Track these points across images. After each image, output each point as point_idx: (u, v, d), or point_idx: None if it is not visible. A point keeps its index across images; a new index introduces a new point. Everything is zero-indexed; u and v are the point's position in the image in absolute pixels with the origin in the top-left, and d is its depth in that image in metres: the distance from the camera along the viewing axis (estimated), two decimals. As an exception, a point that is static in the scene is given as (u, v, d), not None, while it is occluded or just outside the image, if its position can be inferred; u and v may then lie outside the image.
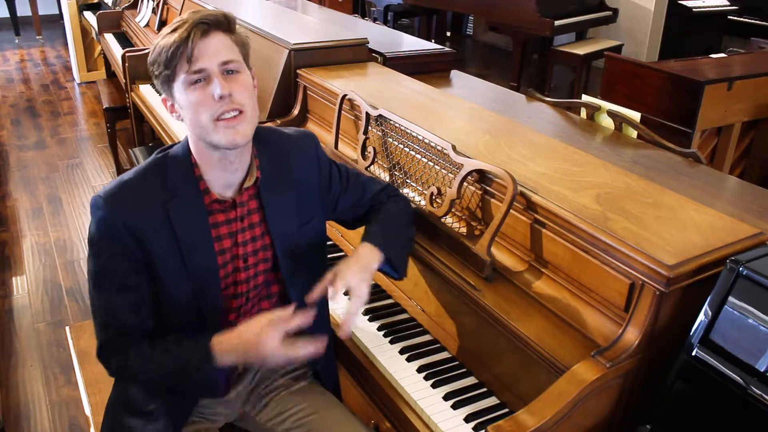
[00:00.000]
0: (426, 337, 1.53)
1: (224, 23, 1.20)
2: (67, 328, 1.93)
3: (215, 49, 1.17)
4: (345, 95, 1.94)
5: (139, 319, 1.24)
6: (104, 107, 4.14)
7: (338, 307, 1.63)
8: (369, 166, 1.81)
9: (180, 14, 3.38)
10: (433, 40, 4.91)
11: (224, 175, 1.26)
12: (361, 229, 1.63)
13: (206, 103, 1.17)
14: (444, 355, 1.48)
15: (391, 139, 1.76)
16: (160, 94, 1.22)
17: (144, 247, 1.20)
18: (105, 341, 1.25)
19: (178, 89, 1.18)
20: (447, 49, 2.78)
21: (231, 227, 1.29)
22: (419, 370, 1.42)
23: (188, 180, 1.24)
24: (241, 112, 1.19)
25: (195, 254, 1.24)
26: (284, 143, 1.38)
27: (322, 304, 1.51)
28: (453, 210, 1.55)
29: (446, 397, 1.34)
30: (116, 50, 4.18)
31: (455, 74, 2.65)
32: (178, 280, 1.24)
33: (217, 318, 1.30)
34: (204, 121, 1.17)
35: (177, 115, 1.24)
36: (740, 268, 1.07)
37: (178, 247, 1.22)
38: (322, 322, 1.52)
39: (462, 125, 1.80)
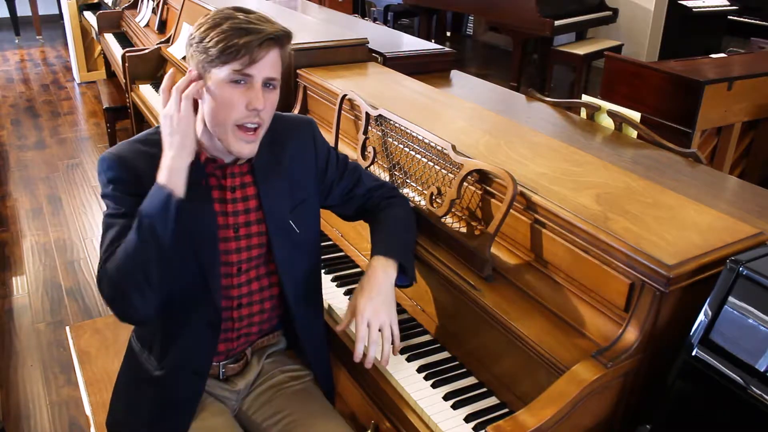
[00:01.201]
0: (426, 337, 1.53)
1: (285, 41, 1.24)
2: (67, 328, 1.93)
3: (269, 63, 1.22)
4: (345, 95, 1.94)
5: None
6: (104, 107, 4.15)
7: (332, 301, 1.63)
8: (369, 166, 1.81)
9: (180, 14, 3.38)
10: (433, 40, 4.91)
11: (220, 144, 1.29)
12: (361, 228, 1.64)
13: (237, 107, 1.21)
14: (444, 355, 1.48)
15: (391, 139, 1.76)
16: (186, 58, 1.27)
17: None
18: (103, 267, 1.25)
19: (216, 77, 1.21)
20: (447, 49, 2.78)
21: (223, 194, 1.33)
22: (419, 370, 1.42)
23: None
24: (259, 127, 1.25)
25: (192, 206, 1.25)
26: (282, 128, 1.42)
27: (317, 305, 1.53)
28: (453, 210, 1.55)
29: (446, 397, 1.34)
30: (116, 50, 4.18)
31: (455, 74, 2.65)
32: (178, 230, 1.23)
33: (216, 268, 1.33)
34: (227, 121, 1.22)
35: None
36: (740, 268, 1.07)
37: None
38: (317, 323, 1.54)
39: (462, 125, 1.80)
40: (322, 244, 1.88)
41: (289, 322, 1.50)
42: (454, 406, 1.32)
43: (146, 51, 3.46)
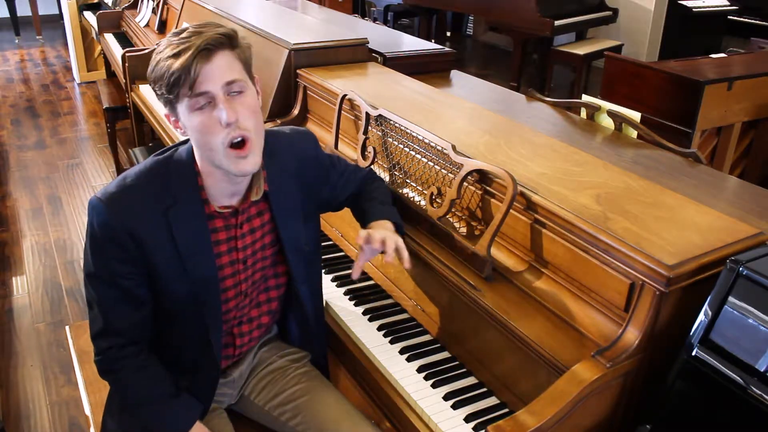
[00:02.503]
0: (426, 337, 1.53)
1: (227, 42, 1.16)
2: (67, 328, 1.93)
3: (219, 70, 1.14)
4: (345, 95, 1.94)
5: (133, 323, 1.28)
6: (104, 107, 4.14)
7: (332, 301, 1.63)
8: (369, 166, 1.81)
9: (180, 14, 3.38)
10: (433, 40, 4.91)
11: (229, 187, 1.27)
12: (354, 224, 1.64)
13: (213, 129, 1.15)
14: (444, 354, 1.48)
15: (391, 139, 1.76)
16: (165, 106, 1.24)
17: (143, 251, 1.22)
18: (100, 344, 1.29)
19: (182, 111, 1.17)
20: (447, 49, 2.78)
21: (229, 233, 1.32)
22: (419, 370, 1.42)
23: (190, 188, 1.25)
24: (246, 140, 1.17)
25: (194, 260, 1.26)
26: (285, 147, 1.40)
27: (318, 296, 1.55)
28: (453, 210, 1.55)
29: (446, 397, 1.34)
30: (116, 50, 4.18)
31: (455, 74, 2.65)
32: (178, 284, 1.27)
33: (217, 316, 1.34)
34: (215, 146, 1.16)
35: (182, 131, 1.22)
36: (740, 268, 1.07)
37: (177, 253, 1.24)
38: (319, 315, 1.56)
39: (462, 125, 1.80)
40: (322, 244, 1.89)
41: (291, 319, 1.53)
42: (454, 406, 1.32)
43: (146, 51, 3.46)
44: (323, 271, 1.76)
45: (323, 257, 1.81)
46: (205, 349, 1.34)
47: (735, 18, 6.14)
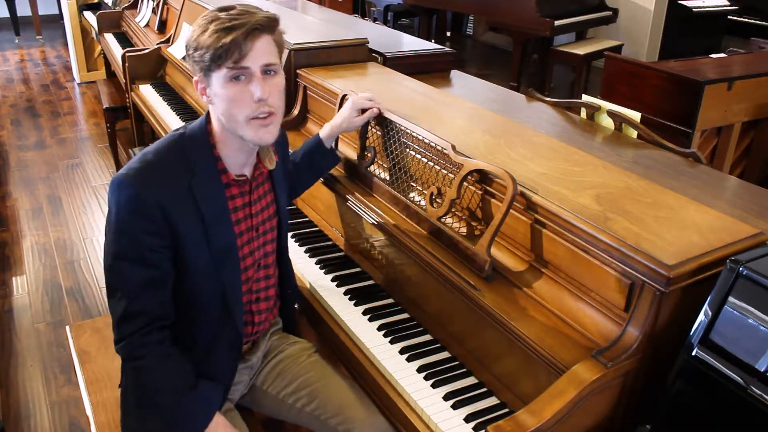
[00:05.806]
0: (426, 337, 1.53)
1: (272, 27, 1.27)
2: (67, 328, 1.93)
3: (261, 51, 1.24)
4: (345, 95, 1.94)
5: (157, 301, 1.28)
6: (104, 107, 4.14)
7: (333, 299, 1.64)
8: (369, 166, 1.81)
9: (180, 14, 3.38)
10: (433, 40, 4.91)
11: (243, 156, 1.35)
12: (361, 229, 1.63)
13: (244, 102, 1.24)
14: (444, 355, 1.48)
15: (391, 139, 1.76)
16: (194, 72, 1.31)
17: (171, 224, 1.26)
18: (124, 329, 1.27)
19: (217, 80, 1.24)
20: (447, 49, 2.78)
21: (244, 199, 1.39)
22: (419, 370, 1.42)
23: (208, 159, 1.32)
24: (272, 113, 1.27)
25: (216, 228, 1.32)
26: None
27: (288, 270, 1.63)
28: (453, 210, 1.55)
29: (446, 397, 1.34)
30: (116, 50, 4.18)
31: (455, 74, 2.65)
32: (200, 255, 1.31)
33: (237, 286, 1.38)
34: (238, 118, 1.25)
35: (207, 98, 1.29)
36: (740, 268, 1.07)
37: (202, 223, 1.29)
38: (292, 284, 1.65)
39: (462, 125, 1.80)
40: (323, 243, 1.90)
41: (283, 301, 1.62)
42: (454, 406, 1.32)
43: (146, 51, 3.46)
44: (323, 271, 1.77)
45: (323, 257, 1.82)
46: (227, 323, 1.37)
47: (735, 18, 6.14)
